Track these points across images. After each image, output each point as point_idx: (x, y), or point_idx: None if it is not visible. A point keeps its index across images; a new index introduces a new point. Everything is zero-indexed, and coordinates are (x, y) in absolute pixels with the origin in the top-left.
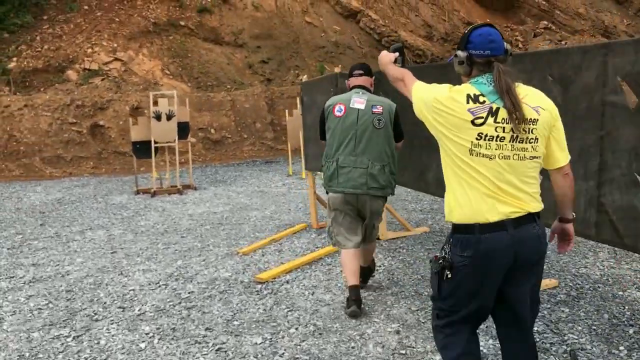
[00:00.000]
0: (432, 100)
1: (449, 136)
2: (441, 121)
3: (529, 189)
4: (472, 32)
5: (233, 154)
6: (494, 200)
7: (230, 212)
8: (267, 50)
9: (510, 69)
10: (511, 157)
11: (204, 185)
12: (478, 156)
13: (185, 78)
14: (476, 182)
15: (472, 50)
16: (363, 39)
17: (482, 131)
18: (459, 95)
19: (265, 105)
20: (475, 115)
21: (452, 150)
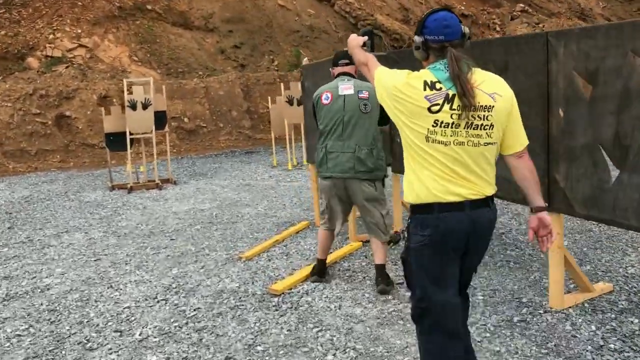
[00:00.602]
0: (391, 87)
1: (407, 123)
2: (400, 108)
3: (484, 173)
4: (428, 17)
5: (209, 144)
6: (451, 184)
7: (219, 209)
8: (239, 35)
9: (464, 54)
10: (465, 144)
11: (184, 179)
12: (434, 142)
13: (155, 65)
14: (433, 166)
15: (427, 36)
16: (338, 22)
17: (438, 118)
18: (417, 82)
19: (241, 92)
20: (431, 102)
21: (410, 137)
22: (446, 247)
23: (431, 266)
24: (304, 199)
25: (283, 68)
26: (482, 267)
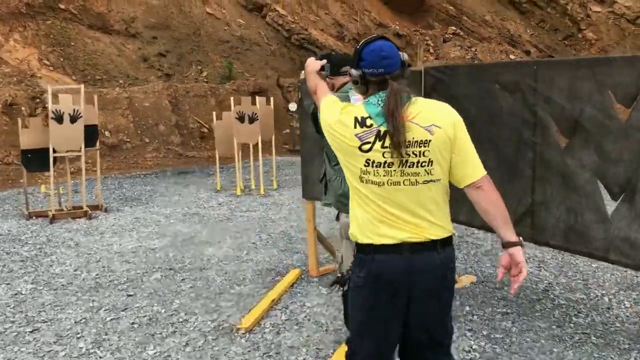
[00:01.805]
0: (325, 124)
1: (343, 162)
2: (335, 145)
3: (428, 214)
4: (363, 48)
5: (134, 162)
6: (386, 226)
7: (174, 248)
8: (164, 42)
9: (404, 85)
10: (401, 183)
11: (114, 205)
12: (368, 183)
13: (69, 70)
14: (368, 206)
15: (365, 69)
16: (271, 35)
17: (370, 157)
18: (348, 119)
19: (169, 104)
20: (362, 140)
21: (347, 175)
22: (379, 293)
23: (360, 311)
24: (275, 236)
25: (213, 80)
26: (554, 342)
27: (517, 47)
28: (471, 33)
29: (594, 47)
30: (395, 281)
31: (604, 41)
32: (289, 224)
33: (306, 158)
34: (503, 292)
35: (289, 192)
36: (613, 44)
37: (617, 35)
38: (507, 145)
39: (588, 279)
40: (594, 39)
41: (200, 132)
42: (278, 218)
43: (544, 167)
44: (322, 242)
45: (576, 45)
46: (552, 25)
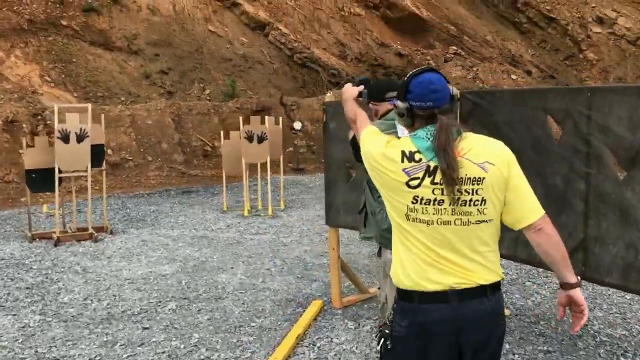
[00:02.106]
0: (369, 156)
1: (387, 197)
2: (379, 180)
3: (478, 257)
4: (411, 80)
5: (137, 181)
6: (434, 269)
7: (186, 274)
8: (166, 60)
9: (453, 120)
10: (452, 223)
11: (119, 226)
12: (415, 221)
13: (71, 87)
14: (415, 247)
15: (412, 102)
16: (273, 53)
17: (418, 194)
18: (394, 153)
19: (172, 122)
20: (410, 175)
21: (391, 212)
22: (425, 347)
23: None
24: (290, 261)
25: (216, 98)
26: None
27: (518, 67)
28: (472, 53)
29: (595, 67)
30: (443, 333)
31: (605, 62)
32: (303, 248)
33: (330, 183)
34: (540, 327)
35: (297, 213)
36: (614, 65)
37: (618, 56)
38: (555, 176)
39: (626, 312)
40: (595, 59)
41: (204, 150)
42: (290, 242)
43: (599, 199)
44: (346, 271)
45: (577, 65)
46: (553, 46)
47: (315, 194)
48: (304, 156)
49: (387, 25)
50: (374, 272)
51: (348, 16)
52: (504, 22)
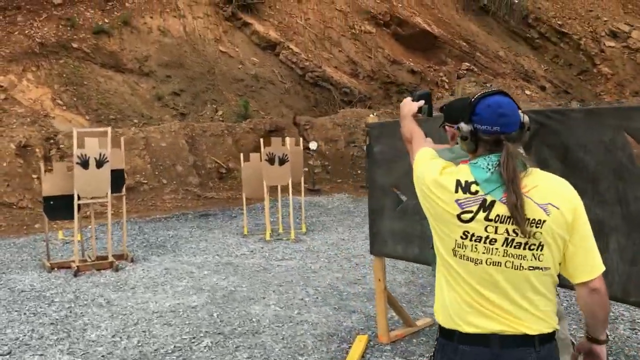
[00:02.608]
0: (421, 181)
1: (434, 228)
2: (428, 207)
3: (528, 304)
4: (478, 102)
5: (152, 204)
6: (477, 312)
7: (216, 306)
8: (178, 81)
9: (522, 151)
10: (503, 264)
11: (140, 253)
12: (462, 258)
13: (82, 110)
14: (459, 285)
15: (477, 125)
16: (285, 73)
17: (469, 229)
18: (448, 181)
19: (186, 144)
20: (463, 208)
21: (437, 244)
22: None
23: None
24: (323, 290)
25: (229, 118)
26: None
27: (532, 82)
28: (485, 69)
29: (610, 81)
30: None
31: (620, 76)
32: (334, 275)
33: (375, 210)
34: None
35: (320, 237)
36: (630, 79)
37: (633, 70)
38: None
39: None
40: (609, 73)
41: (218, 172)
42: (319, 268)
43: None
44: (393, 304)
45: (592, 80)
46: (566, 61)
47: (335, 216)
48: (319, 176)
49: (398, 43)
50: (415, 302)
51: (359, 34)
52: (515, 38)
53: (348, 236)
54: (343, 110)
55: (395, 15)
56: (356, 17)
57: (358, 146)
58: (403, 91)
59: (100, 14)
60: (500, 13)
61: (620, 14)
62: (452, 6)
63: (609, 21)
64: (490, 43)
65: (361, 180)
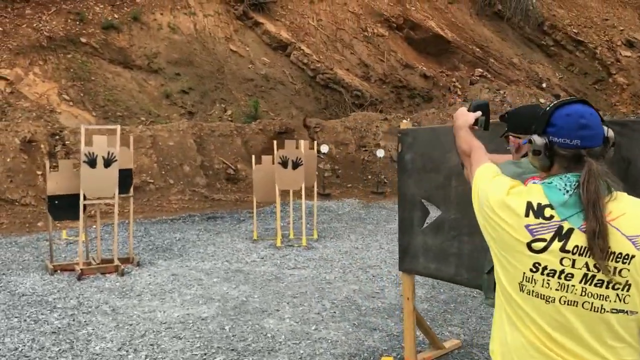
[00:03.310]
0: (484, 201)
1: (497, 256)
2: (490, 231)
3: (609, 353)
4: (555, 111)
5: (158, 205)
6: (545, 358)
7: (227, 318)
8: (187, 79)
9: (605, 169)
10: (580, 305)
11: (145, 256)
12: (530, 294)
13: (89, 106)
14: (525, 326)
15: (553, 137)
16: (295, 74)
17: (541, 261)
18: (518, 203)
19: (194, 143)
20: (534, 235)
21: (499, 275)
22: None
23: None
24: (340, 304)
25: (238, 118)
26: None
27: (546, 90)
28: (498, 75)
29: (626, 92)
30: None
31: (636, 86)
32: (350, 287)
33: (405, 224)
34: None
35: (332, 244)
36: None
37: None
38: None
39: None
40: (625, 83)
41: (226, 173)
42: (334, 279)
43: None
44: (421, 325)
45: (607, 89)
46: (581, 69)
47: (347, 222)
48: (329, 180)
49: (410, 47)
50: (439, 320)
51: (371, 37)
52: (530, 45)
53: (361, 244)
54: (354, 113)
55: (409, 19)
56: (369, 20)
57: (369, 150)
58: (415, 96)
59: (110, 9)
60: (515, 19)
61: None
62: (466, 11)
63: (625, 30)
64: (504, 49)
65: (371, 185)
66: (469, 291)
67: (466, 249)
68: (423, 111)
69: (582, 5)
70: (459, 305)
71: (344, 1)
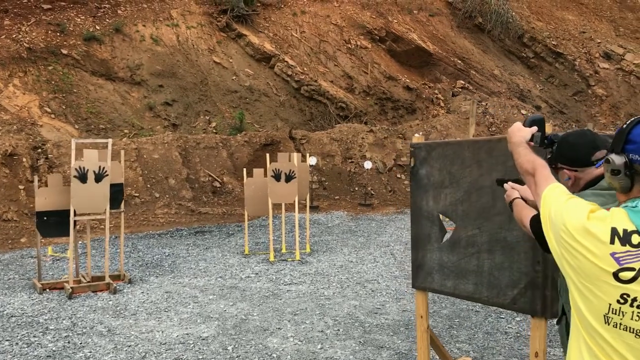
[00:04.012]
0: (560, 227)
1: (577, 285)
2: (569, 259)
3: None
4: (633, 128)
5: (144, 219)
6: None
7: (229, 337)
8: (170, 91)
9: None
10: None
11: (137, 273)
12: (617, 328)
13: (71, 118)
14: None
15: (633, 155)
16: (280, 85)
17: (630, 292)
18: (601, 228)
19: (179, 156)
20: (621, 264)
21: (579, 306)
22: None
23: None
24: (343, 321)
25: (223, 130)
26: None
27: (527, 101)
28: (480, 87)
29: (605, 103)
30: None
31: (615, 98)
32: (350, 302)
33: (419, 239)
34: None
35: (326, 258)
36: (624, 101)
37: (627, 92)
38: None
39: None
40: (604, 95)
41: (213, 186)
42: (332, 294)
43: None
44: (435, 345)
45: (587, 101)
46: (561, 81)
47: (338, 236)
48: (316, 193)
49: (393, 59)
50: (445, 336)
51: (354, 49)
52: (510, 57)
53: (355, 258)
54: (339, 125)
55: (391, 31)
56: (352, 32)
57: (355, 162)
58: (399, 107)
59: (92, 21)
60: (495, 31)
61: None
62: (447, 23)
63: (602, 43)
64: (485, 61)
65: (358, 197)
66: (472, 305)
67: (486, 266)
68: (407, 123)
69: (560, 18)
70: (463, 320)
71: (327, 13)
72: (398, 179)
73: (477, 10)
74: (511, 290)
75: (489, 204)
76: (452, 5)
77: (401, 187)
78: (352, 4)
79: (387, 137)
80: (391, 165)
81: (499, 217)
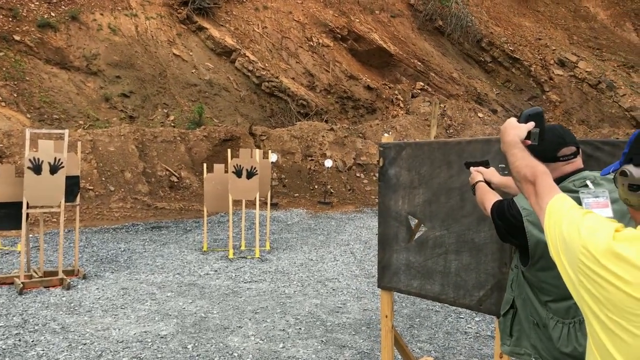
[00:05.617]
0: (578, 249)
1: (602, 320)
2: (591, 289)
3: None
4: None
5: (99, 213)
6: None
7: (188, 336)
8: (128, 82)
9: None
10: None
11: (91, 269)
12: None
13: (23, 107)
14: None
15: None
16: (240, 80)
17: None
18: (632, 252)
19: (136, 149)
20: None
21: (602, 341)
22: None
23: None
24: (304, 319)
25: (181, 124)
26: None
27: (484, 105)
28: (439, 89)
29: (559, 109)
30: None
31: (568, 104)
32: (311, 301)
33: (386, 239)
34: None
35: (286, 256)
36: (577, 107)
37: (580, 98)
38: None
39: None
40: (558, 100)
41: (170, 181)
42: (293, 293)
43: None
44: (399, 345)
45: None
46: (517, 86)
47: (298, 233)
48: (276, 190)
49: (355, 58)
50: (406, 335)
51: (316, 47)
52: (469, 60)
53: (315, 256)
54: (300, 122)
55: (353, 30)
56: (314, 30)
57: (315, 160)
58: (359, 107)
59: (47, 7)
60: (455, 35)
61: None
62: (408, 25)
63: (557, 50)
64: (444, 64)
65: (318, 195)
66: (432, 305)
67: (453, 267)
68: (367, 122)
69: (517, 24)
70: (424, 320)
71: (289, 10)
72: (357, 177)
73: (437, 13)
74: (477, 291)
75: (457, 205)
76: (414, 7)
77: (360, 186)
78: (315, 1)
79: (348, 136)
80: (351, 164)
81: (467, 219)
